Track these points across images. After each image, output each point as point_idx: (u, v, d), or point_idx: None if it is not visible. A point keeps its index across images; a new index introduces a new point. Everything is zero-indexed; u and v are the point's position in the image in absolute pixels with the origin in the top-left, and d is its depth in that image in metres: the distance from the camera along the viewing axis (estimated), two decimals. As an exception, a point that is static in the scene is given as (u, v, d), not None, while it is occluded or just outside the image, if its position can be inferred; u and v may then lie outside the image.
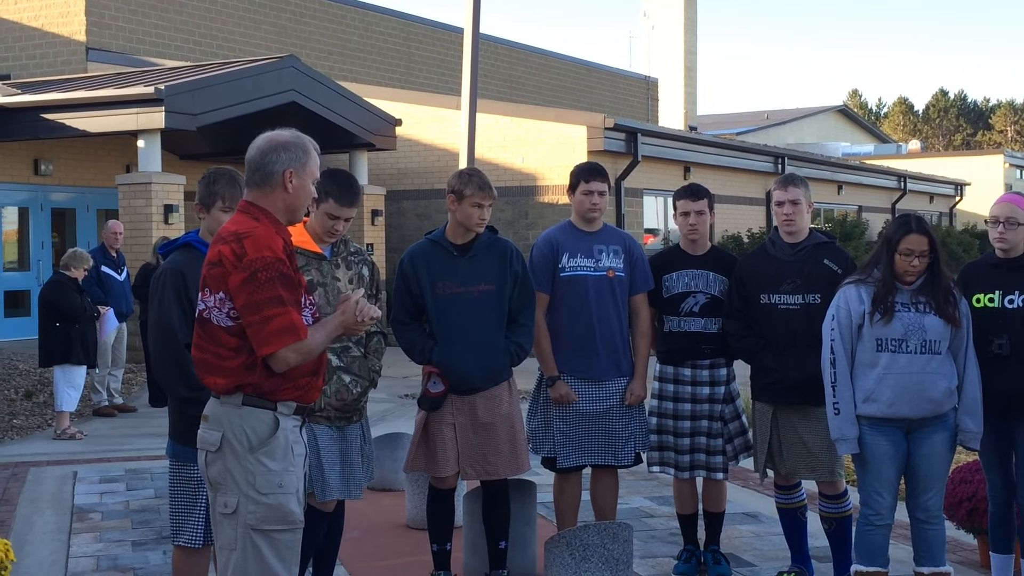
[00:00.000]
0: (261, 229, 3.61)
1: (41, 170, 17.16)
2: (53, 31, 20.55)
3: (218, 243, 3.65)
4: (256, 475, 3.58)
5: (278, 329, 3.53)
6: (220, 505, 3.64)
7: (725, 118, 55.28)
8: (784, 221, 5.59)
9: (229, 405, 3.64)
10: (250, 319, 3.54)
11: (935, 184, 36.04)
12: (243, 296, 3.54)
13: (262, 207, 3.71)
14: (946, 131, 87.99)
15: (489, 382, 5.34)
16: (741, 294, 5.63)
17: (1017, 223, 5.11)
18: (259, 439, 3.60)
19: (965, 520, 6.01)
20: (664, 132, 21.86)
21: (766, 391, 5.60)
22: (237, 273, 3.55)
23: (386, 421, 11.00)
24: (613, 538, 5.06)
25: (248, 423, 3.62)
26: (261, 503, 3.58)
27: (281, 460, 3.63)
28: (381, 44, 27.50)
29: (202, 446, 3.70)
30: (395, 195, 19.91)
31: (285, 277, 3.58)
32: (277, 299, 3.53)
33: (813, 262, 5.51)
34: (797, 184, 5.62)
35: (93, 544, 6.71)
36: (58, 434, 10.39)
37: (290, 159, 3.71)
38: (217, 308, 3.62)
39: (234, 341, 3.61)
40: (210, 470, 3.66)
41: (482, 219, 5.32)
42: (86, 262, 10.64)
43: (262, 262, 3.54)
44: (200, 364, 3.71)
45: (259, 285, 3.53)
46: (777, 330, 5.49)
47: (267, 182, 3.71)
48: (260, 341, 3.55)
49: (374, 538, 6.67)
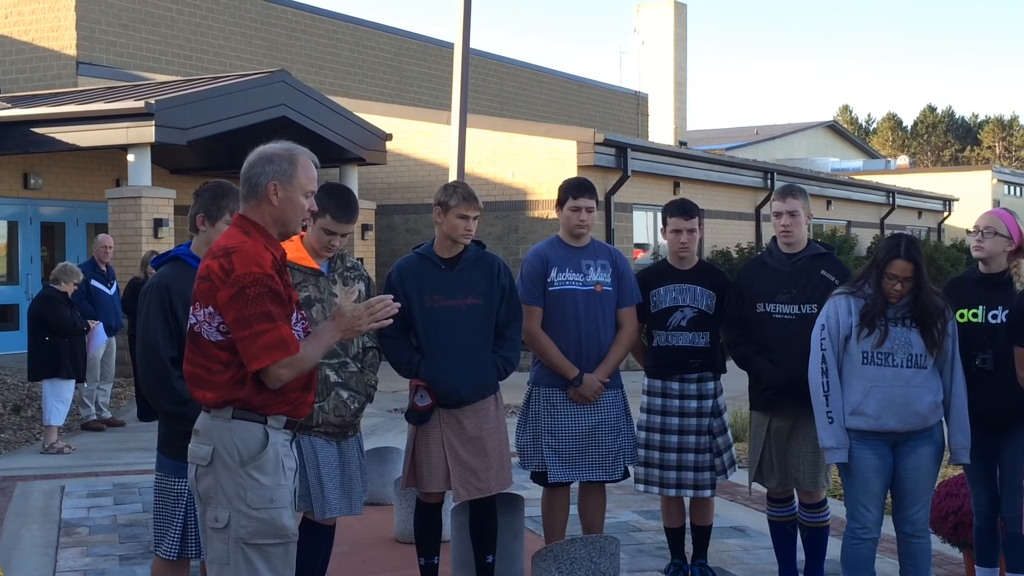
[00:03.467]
0: (250, 244, 3.60)
1: (31, 184, 17.14)
2: (44, 45, 20.56)
3: (208, 257, 3.64)
4: (247, 490, 3.57)
5: (267, 344, 3.52)
6: (210, 519, 3.62)
7: (715, 133, 55.45)
8: (782, 232, 5.63)
9: (219, 419, 3.63)
10: (239, 335, 3.53)
11: (923, 199, 36.19)
12: (232, 312, 3.54)
13: (254, 221, 3.70)
14: (935, 147, 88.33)
15: (476, 395, 5.35)
16: (739, 303, 5.67)
17: (995, 232, 5.17)
18: (249, 453, 3.59)
19: (951, 534, 6.03)
20: (654, 147, 21.92)
21: (760, 398, 5.64)
22: (225, 289, 3.54)
23: (376, 435, 10.99)
24: (600, 552, 5.07)
25: (238, 437, 3.60)
26: (253, 517, 3.57)
27: (272, 474, 3.61)
28: (372, 59, 27.55)
29: (192, 460, 3.68)
30: (385, 210, 19.93)
31: (274, 292, 3.57)
32: (266, 315, 3.52)
33: (810, 273, 5.54)
34: (796, 195, 5.65)
35: (80, 559, 6.69)
36: (46, 448, 10.36)
37: (275, 171, 3.68)
38: (207, 323, 3.61)
39: (224, 355, 3.60)
40: (200, 484, 3.65)
41: (468, 230, 5.33)
42: (76, 276, 10.63)
43: (250, 278, 3.53)
44: (191, 378, 3.70)
45: (248, 301, 3.52)
46: (772, 339, 5.52)
47: (253, 195, 3.70)
48: (250, 357, 3.54)
49: (362, 552, 6.67)
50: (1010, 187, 45.31)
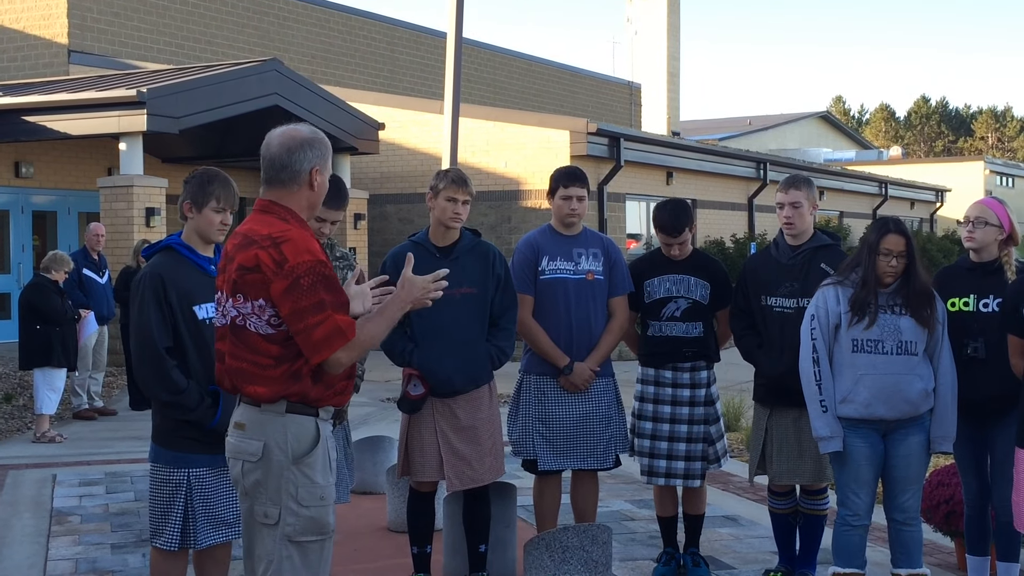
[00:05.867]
0: (295, 232, 3.50)
1: (22, 172, 17.08)
2: (35, 33, 20.47)
3: (251, 247, 3.50)
4: (299, 487, 3.50)
5: (325, 336, 3.42)
6: (260, 515, 3.53)
7: (708, 123, 55.44)
8: (784, 223, 5.62)
9: (271, 413, 3.53)
10: (296, 328, 3.44)
11: (916, 190, 36.24)
12: (287, 304, 3.43)
13: (287, 207, 3.59)
14: (928, 138, 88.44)
15: (470, 385, 5.35)
16: (744, 294, 5.67)
17: (985, 222, 5.18)
18: (302, 449, 3.51)
19: (942, 523, 6.05)
20: (647, 137, 21.91)
21: (761, 391, 5.66)
22: (279, 280, 3.43)
23: (368, 424, 10.99)
24: (592, 540, 5.07)
25: (292, 432, 3.52)
26: (302, 515, 3.50)
27: (323, 472, 3.55)
28: (364, 48, 27.49)
29: (238, 455, 3.58)
30: (378, 199, 19.90)
31: (327, 279, 3.47)
32: (319, 305, 3.42)
33: (811, 266, 5.52)
34: (799, 186, 5.62)
35: (72, 547, 6.69)
36: (38, 437, 10.35)
37: (316, 156, 3.61)
38: (256, 315, 3.50)
39: (276, 349, 3.50)
40: (247, 479, 3.55)
41: (456, 214, 5.32)
42: (66, 265, 10.61)
43: (304, 267, 3.43)
44: (238, 374, 3.57)
45: (303, 292, 3.42)
46: (773, 332, 5.53)
47: (294, 180, 3.59)
48: (310, 349, 3.45)
49: (354, 541, 6.67)
50: (1002, 178, 45.39)
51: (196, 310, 4.48)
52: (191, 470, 4.45)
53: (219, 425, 4.32)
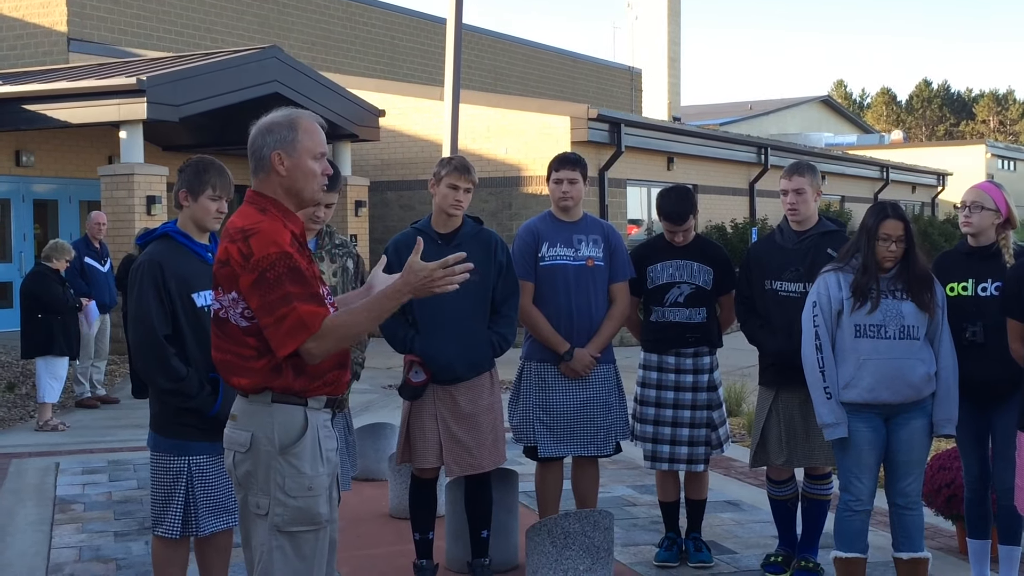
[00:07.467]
0: (266, 223, 3.48)
1: (23, 161, 17.06)
2: (34, 21, 20.42)
3: (225, 239, 3.51)
4: (285, 477, 3.48)
5: (290, 329, 3.39)
6: (252, 506, 3.53)
7: (709, 108, 55.33)
8: (789, 210, 5.63)
9: (258, 403, 3.51)
10: (264, 322, 3.43)
11: (917, 174, 36.18)
12: (255, 298, 3.42)
13: (267, 195, 3.58)
14: (929, 121, 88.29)
15: (471, 372, 5.35)
16: (748, 279, 5.68)
17: (982, 207, 5.18)
18: (289, 439, 3.49)
19: (944, 507, 6.06)
20: (647, 123, 21.85)
21: (766, 373, 5.66)
22: (246, 275, 3.42)
23: (369, 411, 11.01)
24: (594, 526, 5.08)
25: (278, 421, 3.50)
26: (289, 506, 3.48)
27: (312, 462, 3.52)
28: (364, 35, 27.42)
29: (230, 446, 3.57)
30: (379, 186, 19.87)
31: (293, 271, 3.43)
32: (285, 298, 3.40)
33: (816, 251, 5.54)
34: (802, 173, 5.62)
35: (75, 535, 6.71)
36: (40, 425, 10.37)
37: (276, 140, 3.55)
38: (232, 308, 3.50)
39: (253, 341, 3.49)
40: (239, 470, 3.55)
41: (458, 201, 5.32)
42: (68, 253, 10.61)
43: (268, 260, 3.40)
44: (222, 365, 3.57)
45: (268, 286, 3.40)
46: (777, 316, 5.54)
47: (261, 167, 3.58)
48: (277, 344, 3.43)
49: (357, 527, 6.69)
50: (1004, 161, 45.32)
51: (195, 297, 4.47)
52: (191, 458, 4.46)
53: (219, 413, 4.33)
